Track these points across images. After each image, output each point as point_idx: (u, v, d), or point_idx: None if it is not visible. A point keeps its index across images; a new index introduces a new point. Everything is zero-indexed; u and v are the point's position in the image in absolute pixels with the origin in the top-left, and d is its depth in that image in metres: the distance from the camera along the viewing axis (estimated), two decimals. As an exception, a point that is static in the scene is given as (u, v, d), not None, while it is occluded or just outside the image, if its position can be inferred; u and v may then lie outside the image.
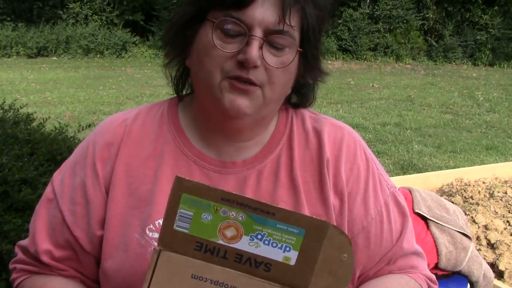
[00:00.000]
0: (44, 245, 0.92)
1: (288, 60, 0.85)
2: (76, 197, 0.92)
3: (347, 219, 0.92)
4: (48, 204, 0.95)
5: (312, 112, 1.02)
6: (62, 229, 0.92)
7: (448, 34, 14.89)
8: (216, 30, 0.83)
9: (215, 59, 0.83)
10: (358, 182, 0.94)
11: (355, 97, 8.63)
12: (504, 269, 2.04)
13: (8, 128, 1.94)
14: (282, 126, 0.97)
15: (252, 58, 0.80)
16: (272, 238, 0.65)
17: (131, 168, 0.91)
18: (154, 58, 13.34)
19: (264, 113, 0.89)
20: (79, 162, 0.94)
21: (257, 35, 0.81)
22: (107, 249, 0.89)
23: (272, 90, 0.85)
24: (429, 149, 5.63)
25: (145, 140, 0.94)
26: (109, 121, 0.98)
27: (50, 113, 6.11)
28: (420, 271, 0.99)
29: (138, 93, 8.30)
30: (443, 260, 1.77)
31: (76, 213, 0.91)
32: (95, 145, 0.94)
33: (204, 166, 0.92)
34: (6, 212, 1.63)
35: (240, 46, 0.82)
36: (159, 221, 0.87)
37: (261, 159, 0.93)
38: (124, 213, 0.89)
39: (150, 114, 0.97)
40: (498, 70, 13.89)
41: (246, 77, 0.82)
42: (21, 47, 12.54)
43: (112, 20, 14.23)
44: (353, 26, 14.49)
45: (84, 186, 0.92)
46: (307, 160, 0.94)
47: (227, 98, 0.83)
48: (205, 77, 0.85)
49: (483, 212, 2.37)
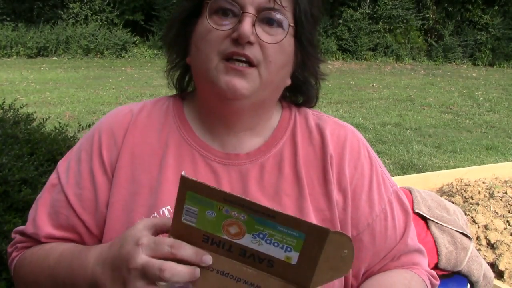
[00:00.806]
0: (45, 228, 0.93)
1: (281, 37, 0.87)
2: (82, 182, 0.93)
3: (352, 215, 0.93)
4: (52, 189, 0.96)
5: (315, 111, 1.04)
6: (67, 213, 0.93)
7: (448, 34, 14.90)
8: (211, 15, 0.86)
9: (211, 42, 0.86)
10: (362, 180, 0.95)
11: (355, 97, 8.63)
12: (504, 269, 2.04)
13: (8, 128, 1.94)
14: (285, 122, 0.98)
15: (245, 33, 0.83)
16: (273, 239, 0.66)
17: (136, 156, 0.93)
18: (154, 58, 13.35)
19: (262, 96, 0.90)
20: (85, 149, 0.96)
21: (249, 11, 0.84)
22: (108, 233, 0.90)
23: (268, 70, 0.87)
24: (429, 149, 5.63)
25: (150, 129, 0.96)
26: (115, 111, 1.01)
27: (50, 113, 6.12)
28: (422, 268, 1.01)
29: (138, 93, 8.30)
30: (443, 260, 1.77)
31: (82, 197, 0.92)
32: (101, 133, 0.96)
33: (208, 157, 0.93)
34: (6, 212, 1.63)
35: (234, 24, 0.85)
36: (163, 209, 0.88)
37: (264, 152, 0.95)
38: (126, 199, 0.91)
39: (156, 106, 1.00)
40: (498, 70, 13.89)
41: (242, 52, 0.84)
42: (21, 47, 12.55)
43: (112, 20, 14.24)
44: (353, 26, 14.51)
45: (91, 172, 0.93)
46: (310, 155, 0.95)
47: (223, 80, 0.85)
48: (202, 63, 0.88)
49: (483, 212, 2.37)
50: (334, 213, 0.92)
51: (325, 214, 0.91)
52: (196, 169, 0.92)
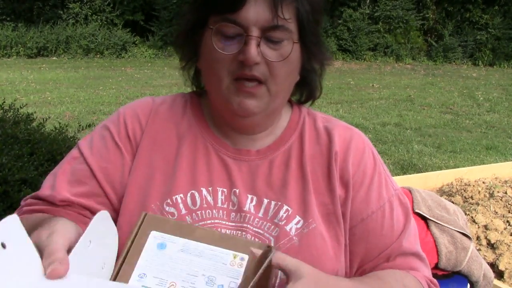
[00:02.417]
0: (64, 192, 0.93)
1: (286, 52, 0.89)
2: (109, 156, 0.95)
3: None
4: (73, 160, 0.97)
5: (324, 114, 1.07)
6: (90, 182, 0.94)
7: (448, 34, 14.89)
8: (216, 35, 0.88)
9: (220, 62, 0.88)
10: (363, 177, 0.97)
11: (355, 97, 8.63)
12: (504, 269, 2.04)
13: (8, 128, 1.94)
14: (294, 123, 1.02)
15: (251, 57, 0.85)
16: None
17: (156, 142, 0.97)
18: (154, 58, 13.34)
19: (273, 107, 0.94)
20: (110, 129, 0.98)
21: (254, 34, 0.85)
22: (124, 212, 0.92)
23: (276, 84, 0.90)
24: (429, 149, 5.63)
25: (170, 121, 1.00)
26: (136, 100, 1.05)
27: (50, 113, 6.12)
28: (421, 273, 0.99)
29: (138, 93, 8.30)
30: (443, 260, 1.77)
31: (108, 170, 0.95)
32: (126, 116, 0.99)
33: (220, 151, 0.97)
34: (6, 212, 1.63)
35: (240, 47, 0.86)
36: (177, 196, 0.92)
37: (273, 150, 0.98)
38: (142, 183, 0.94)
39: (176, 101, 1.04)
40: (498, 70, 13.89)
41: (250, 74, 0.87)
42: (21, 47, 12.55)
43: (112, 20, 14.23)
44: (353, 26, 14.50)
45: (118, 147, 0.96)
46: (317, 154, 0.98)
47: (235, 101, 0.89)
48: (214, 81, 0.91)
49: (483, 212, 2.37)
50: (337, 207, 0.95)
51: (329, 208, 0.94)
52: (208, 161, 0.96)
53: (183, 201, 0.91)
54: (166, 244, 0.76)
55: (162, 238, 0.77)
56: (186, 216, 0.91)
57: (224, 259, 0.75)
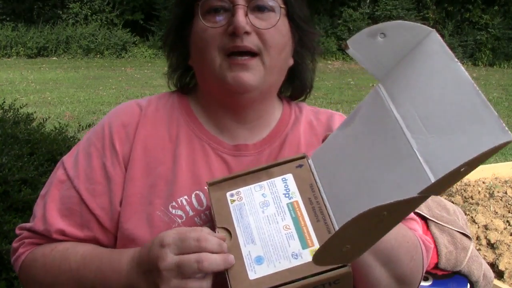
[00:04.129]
0: (56, 223, 0.91)
1: (275, 20, 0.90)
2: (95, 177, 0.92)
3: None
4: (60, 185, 0.94)
5: (311, 107, 1.09)
6: (79, 209, 0.92)
7: (448, 34, 14.89)
8: (204, 15, 0.90)
9: (209, 40, 0.89)
10: None
11: (355, 97, 8.62)
12: (504, 269, 2.04)
13: (8, 128, 1.95)
14: (287, 115, 1.03)
15: (240, 24, 0.86)
16: None
17: (149, 148, 0.94)
18: (154, 58, 13.34)
19: (268, 82, 0.93)
20: (94, 144, 0.95)
21: (240, 3, 0.87)
22: (124, 227, 0.90)
23: (270, 55, 0.90)
24: (429, 149, 5.62)
25: (160, 123, 0.98)
26: (121, 106, 1.02)
27: (50, 113, 6.12)
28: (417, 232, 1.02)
29: (138, 93, 8.30)
30: (443, 260, 1.77)
31: (95, 191, 0.92)
32: (111, 126, 0.96)
33: (219, 149, 0.97)
34: (6, 212, 1.63)
35: (228, 19, 0.88)
36: (181, 198, 0.91)
37: (270, 143, 0.99)
38: (143, 192, 0.91)
39: (161, 101, 1.02)
40: (498, 70, 13.89)
41: (242, 45, 0.87)
42: (21, 47, 12.55)
43: (112, 20, 14.23)
44: (353, 26, 14.49)
45: (104, 167, 0.93)
46: (313, 140, 1.00)
47: (230, 76, 0.88)
48: (206, 63, 0.91)
49: (483, 212, 2.37)
50: None
51: None
52: (208, 161, 0.95)
53: (188, 203, 0.91)
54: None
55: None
56: (194, 218, 0.90)
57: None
